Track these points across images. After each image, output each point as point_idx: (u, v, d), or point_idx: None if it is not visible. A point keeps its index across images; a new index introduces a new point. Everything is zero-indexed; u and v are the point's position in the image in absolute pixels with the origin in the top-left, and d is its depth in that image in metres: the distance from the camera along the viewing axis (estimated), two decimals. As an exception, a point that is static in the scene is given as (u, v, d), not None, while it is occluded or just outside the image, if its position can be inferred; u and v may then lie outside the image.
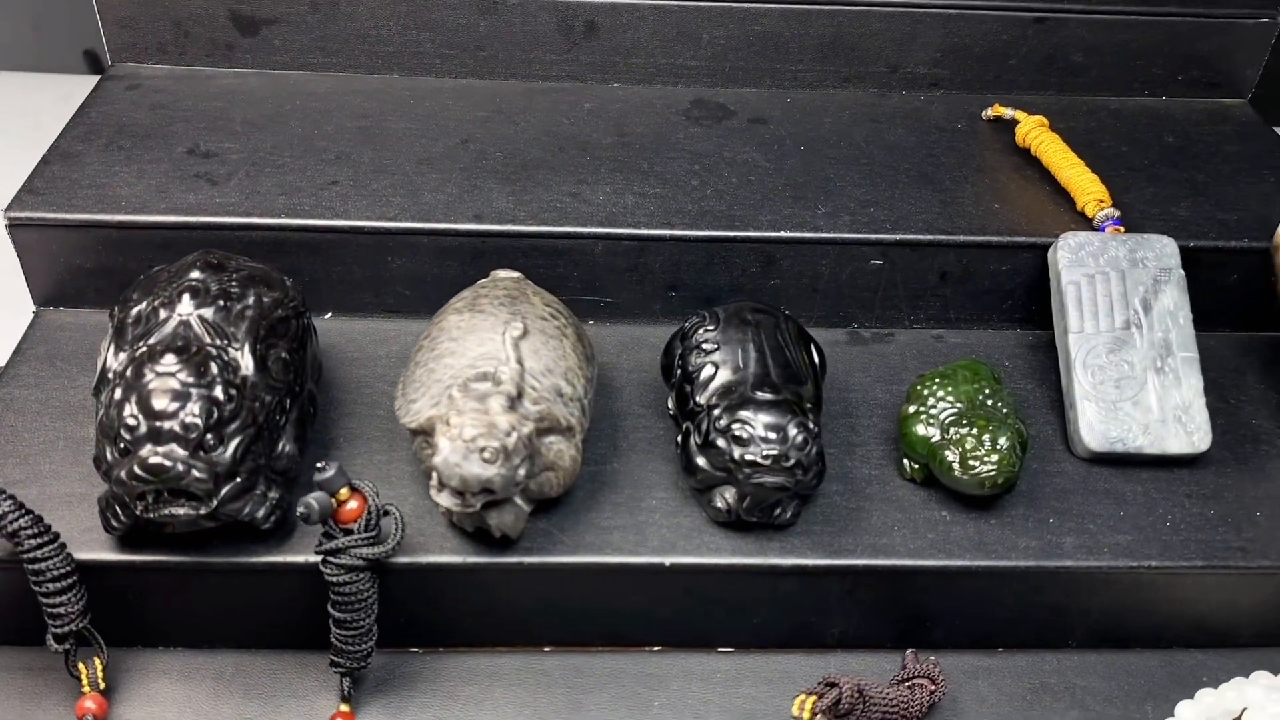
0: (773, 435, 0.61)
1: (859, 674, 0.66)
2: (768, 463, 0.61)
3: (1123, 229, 0.77)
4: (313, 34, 0.88)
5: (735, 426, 0.62)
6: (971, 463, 0.65)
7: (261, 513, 0.61)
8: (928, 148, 0.86)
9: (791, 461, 0.61)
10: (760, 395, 0.63)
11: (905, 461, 0.69)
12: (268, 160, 0.80)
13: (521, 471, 0.59)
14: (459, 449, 0.57)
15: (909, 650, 0.67)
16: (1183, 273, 0.74)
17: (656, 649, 0.68)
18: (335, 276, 0.77)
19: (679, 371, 0.68)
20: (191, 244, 0.71)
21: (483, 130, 0.84)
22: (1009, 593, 0.66)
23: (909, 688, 0.63)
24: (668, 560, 0.63)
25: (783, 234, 0.76)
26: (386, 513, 0.60)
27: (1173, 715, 0.65)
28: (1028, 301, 0.80)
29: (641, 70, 0.91)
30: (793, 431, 0.61)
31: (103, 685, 0.62)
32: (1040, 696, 0.67)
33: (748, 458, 0.61)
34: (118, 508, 0.59)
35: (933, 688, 0.64)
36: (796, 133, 0.87)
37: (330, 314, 0.78)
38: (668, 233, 0.76)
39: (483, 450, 0.57)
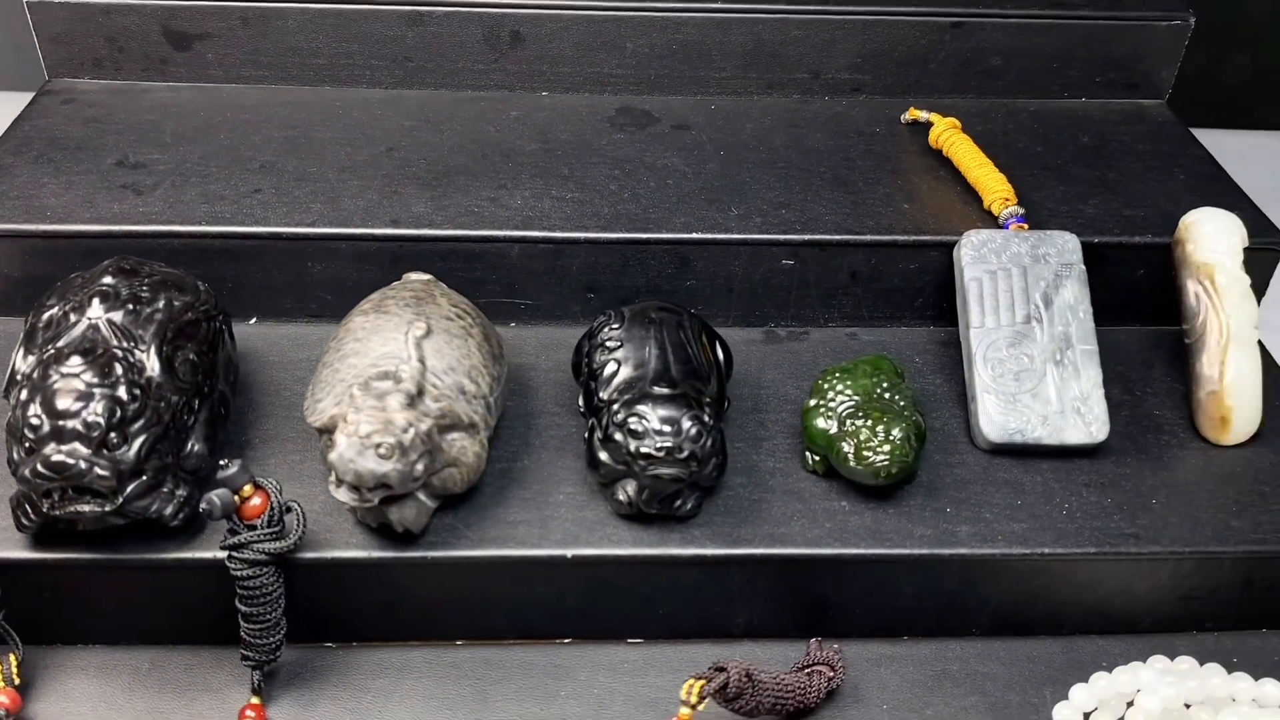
0: (667, 428, 0.63)
1: (763, 662, 0.68)
2: (661, 455, 0.62)
3: (1026, 226, 0.78)
4: (245, 48, 0.90)
5: (632, 420, 0.63)
6: (865, 453, 0.66)
7: (169, 510, 0.62)
8: (845, 151, 0.88)
9: (685, 453, 0.63)
10: (657, 390, 0.64)
11: (807, 454, 0.71)
12: (194, 170, 0.81)
13: (419, 467, 0.60)
14: (354, 445, 0.59)
15: (813, 639, 0.69)
16: (1084, 268, 0.76)
17: (567, 641, 0.69)
18: (257, 282, 0.78)
19: (586, 369, 0.70)
20: (115, 252, 0.72)
21: (408, 139, 0.86)
22: (907, 581, 0.68)
23: (807, 674, 0.65)
24: (569, 552, 0.65)
25: (695, 235, 0.78)
26: (289, 509, 0.62)
27: (1066, 699, 0.66)
28: (938, 299, 0.81)
29: (569, 79, 0.93)
30: (687, 424, 0.63)
31: (18, 681, 0.63)
32: (941, 683, 0.68)
33: (643, 450, 0.63)
34: (27, 506, 0.61)
35: (831, 674, 0.65)
36: (717, 138, 0.89)
37: (255, 319, 0.80)
38: (582, 235, 0.78)
39: (378, 446, 0.59)
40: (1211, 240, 0.76)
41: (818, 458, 0.70)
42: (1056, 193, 0.84)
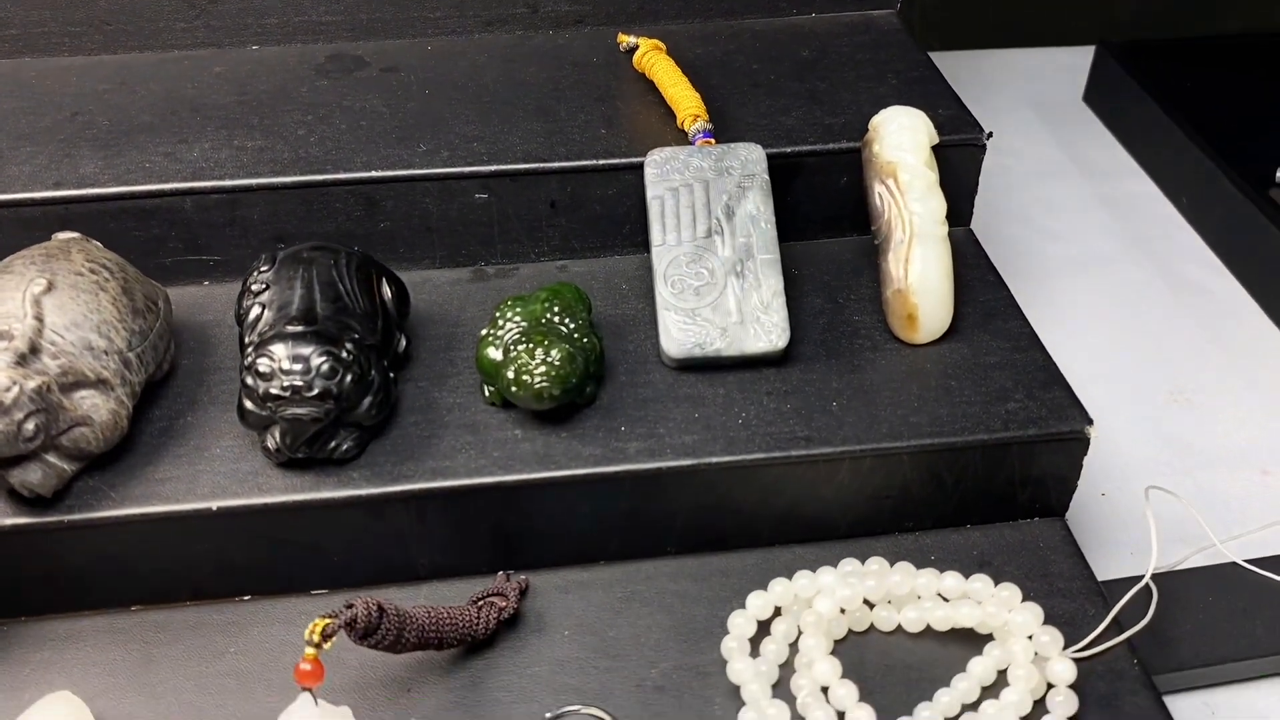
0: (297, 367, 0.61)
1: (448, 600, 0.66)
2: (288, 394, 0.60)
3: (714, 141, 0.77)
4: (-71, 22, 0.87)
5: (261, 362, 0.61)
6: (524, 377, 0.65)
7: None
8: (556, 83, 0.86)
9: (316, 391, 0.61)
10: (290, 329, 0.62)
11: (484, 386, 0.69)
12: None
13: (29, 427, 0.58)
14: (-53, 408, 0.56)
15: (500, 572, 0.68)
16: (768, 178, 0.75)
17: (247, 599, 0.67)
18: (-74, 259, 0.75)
19: (238, 317, 0.68)
20: None
21: (97, 103, 0.83)
22: (581, 504, 0.66)
23: (476, 606, 0.64)
24: (215, 505, 0.63)
25: (375, 174, 0.76)
26: (-99, 481, 0.59)
27: (743, 607, 0.65)
28: (644, 225, 0.80)
29: (278, 30, 0.90)
30: (318, 361, 0.61)
31: None
32: (628, 605, 0.67)
33: (272, 391, 0.61)
34: None
35: (503, 604, 0.64)
36: (427, 79, 0.87)
37: (-68, 298, 0.77)
38: (256, 182, 0.75)
39: (-28, 407, 0.56)
40: (896, 138, 0.75)
41: (492, 389, 0.69)
42: (761, 107, 0.83)
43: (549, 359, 0.65)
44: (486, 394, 0.69)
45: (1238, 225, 1.04)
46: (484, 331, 0.69)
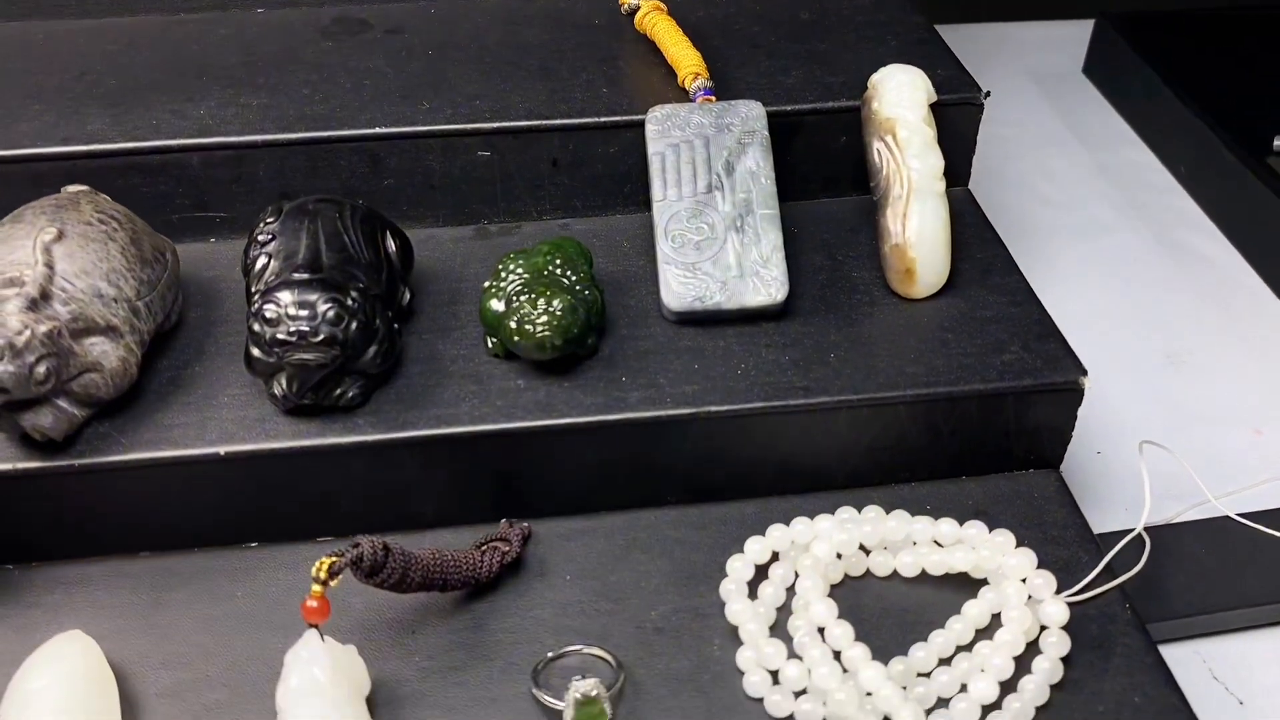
0: (303, 312, 0.62)
1: (452, 547, 0.67)
2: (294, 339, 0.61)
3: (714, 98, 0.78)
4: (-62, -16, 0.88)
5: (267, 308, 0.62)
6: (527, 327, 0.66)
7: None
8: (558, 44, 0.87)
9: (322, 337, 0.62)
10: (296, 277, 0.63)
11: (487, 338, 0.70)
12: None
13: (41, 370, 0.59)
14: (-39, 350, 0.57)
15: (504, 520, 0.69)
16: (768, 135, 0.76)
17: (253, 545, 0.69)
18: (-64, 214, 0.76)
19: (245, 268, 0.69)
20: None
21: (105, 63, 0.84)
22: (583, 451, 0.67)
23: (480, 551, 0.65)
24: (223, 449, 0.64)
25: (379, 130, 0.77)
26: (-84, 424, 0.61)
27: (741, 552, 0.66)
28: (645, 183, 0.81)
29: (283, -7, 0.91)
30: (324, 307, 0.62)
31: None
32: (629, 552, 0.68)
33: (278, 337, 0.62)
34: None
35: (506, 549, 0.65)
36: (429, 40, 0.87)
37: (-57, 254, 0.78)
38: (261, 138, 0.76)
39: (-13, 349, 0.57)
40: (894, 95, 0.76)
41: (496, 340, 0.70)
42: (761, 67, 0.84)
43: (551, 309, 0.66)
44: (489, 346, 0.70)
45: (1235, 193, 1.05)
46: (487, 284, 0.70)
